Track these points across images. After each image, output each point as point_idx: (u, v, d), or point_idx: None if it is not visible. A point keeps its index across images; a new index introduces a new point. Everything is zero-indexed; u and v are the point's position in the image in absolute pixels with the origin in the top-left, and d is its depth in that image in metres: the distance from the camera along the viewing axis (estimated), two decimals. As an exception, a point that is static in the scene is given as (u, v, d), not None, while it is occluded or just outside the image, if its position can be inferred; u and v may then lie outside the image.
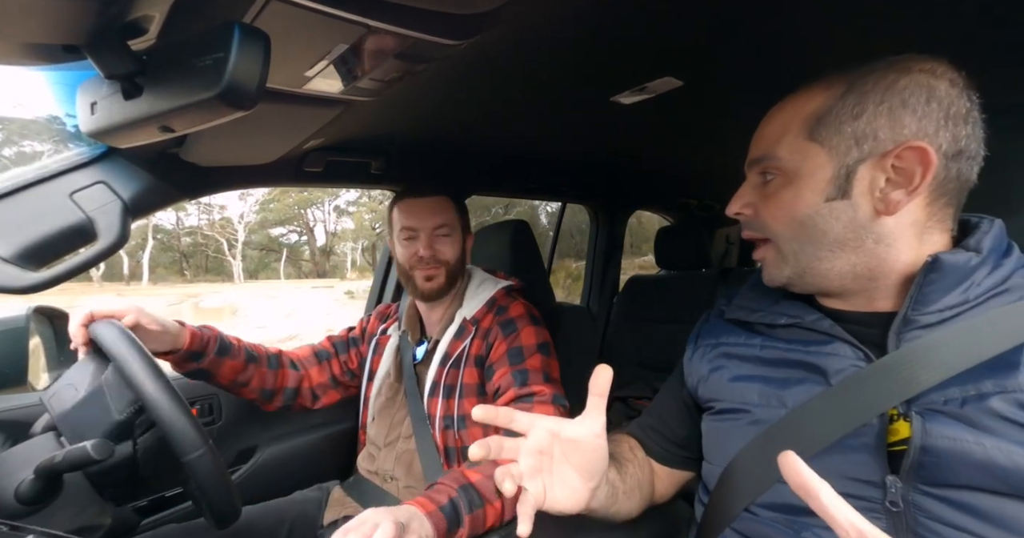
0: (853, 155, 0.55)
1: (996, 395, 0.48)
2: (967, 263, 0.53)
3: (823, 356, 0.59)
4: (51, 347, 1.11)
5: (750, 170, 0.65)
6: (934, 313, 0.53)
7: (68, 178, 0.86)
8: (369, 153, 1.28)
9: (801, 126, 0.58)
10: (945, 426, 0.49)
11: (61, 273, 0.81)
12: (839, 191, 0.56)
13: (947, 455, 0.48)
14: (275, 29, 0.50)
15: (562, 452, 0.57)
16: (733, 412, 0.65)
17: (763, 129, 0.64)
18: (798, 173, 0.58)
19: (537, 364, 1.01)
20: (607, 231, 2.32)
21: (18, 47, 0.50)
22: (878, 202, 0.55)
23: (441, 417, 1.04)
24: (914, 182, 0.53)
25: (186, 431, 0.72)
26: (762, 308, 0.68)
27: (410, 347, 1.17)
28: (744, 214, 0.65)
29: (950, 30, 0.83)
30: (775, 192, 0.61)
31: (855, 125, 0.55)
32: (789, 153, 0.59)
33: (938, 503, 0.49)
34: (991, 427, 0.47)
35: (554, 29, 0.75)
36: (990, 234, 0.55)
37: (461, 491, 0.81)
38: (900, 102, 0.53)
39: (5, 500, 0.65)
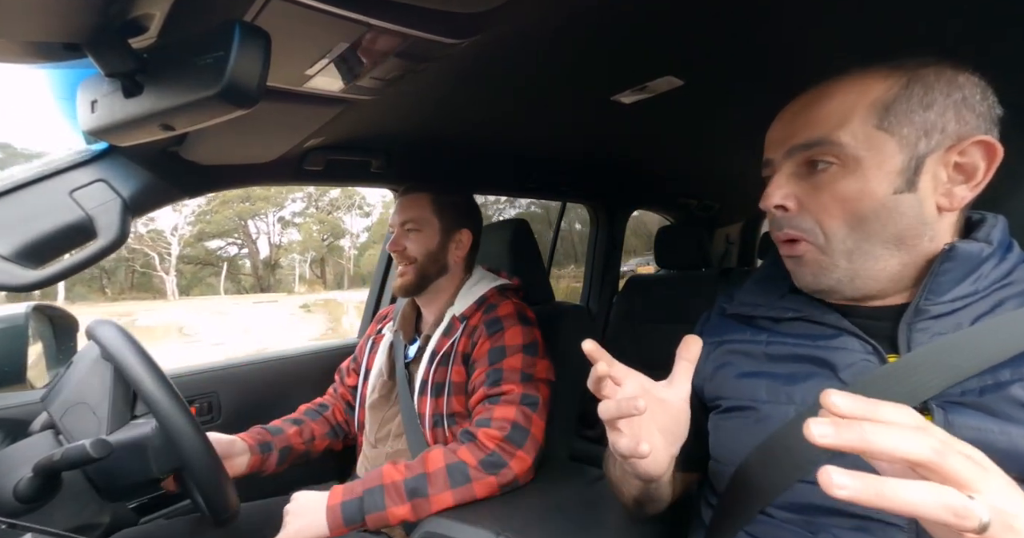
0: (922, 146, 0.53)
1: (1016, 382, 0.47)
2: (980, 253, 0.53)
3: (831, 350, 0.58)
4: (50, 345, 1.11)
5: (790, 157, 0.59)
6: (945, 303, 0.53)
7: (68, 176, 0.86)
8: (370, 152, 1.28)
9: (868, 112, 0.54)
10: (968, 417, 0.48)
11: (60, 271, 0.81)
12: (908, 184, 0.53)
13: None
14: (276, 27, 0.50)
15: (650, 411, 0.54)
16: (740, 410, 0.63)
17: (814, 111, 0.57)
18: (863, 163, 0.54)
19: (516, 364, 1.01)
20: (607, 231, 2.32)
21: (19, 45, 0.50)
22: (941, 197, 0.54)
23: (430, 415, 1.04)
24: (977, 177, 0.53)
25: (185, 430, 0.72)
26: (765, 303, 0.67)
27: (403, 345, 1.17)
28: (787, 208, 0.59)
29: (951, 30, 0.83)
30: (831, 183, 0.56)
31: (925, 116, 0.53)
32: (856, 140, 0.54)
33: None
34: (1013, 415, 0.47)
35: (555, 28, 0.75)
36: (997, 227, 0.56)
37: (366, 493, 0.89)
38: (962, 97, 0.53)
39: (4, 498, 0.65)
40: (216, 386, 1.32)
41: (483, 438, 0.94)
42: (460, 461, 0.91)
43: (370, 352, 1.23)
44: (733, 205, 2.75)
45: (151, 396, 0.71)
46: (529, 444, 0.95)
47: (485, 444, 0.93)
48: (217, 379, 1.35)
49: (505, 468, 0.92)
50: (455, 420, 1.04)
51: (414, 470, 0.91)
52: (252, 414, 1.31)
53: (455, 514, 0.87)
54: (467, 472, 0.91)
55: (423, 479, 0.90)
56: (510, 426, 0.94)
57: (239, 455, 1.02)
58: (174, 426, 0.71)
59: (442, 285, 1.16)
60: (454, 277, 1.17)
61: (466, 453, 0.92)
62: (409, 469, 0.91)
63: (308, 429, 1.17)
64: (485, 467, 0.91)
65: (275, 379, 1.45)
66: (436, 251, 1.13)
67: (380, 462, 1.11)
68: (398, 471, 0.91)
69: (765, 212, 0.63)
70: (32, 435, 0.78)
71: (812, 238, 0.58)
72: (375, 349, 1.22)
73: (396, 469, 0.92)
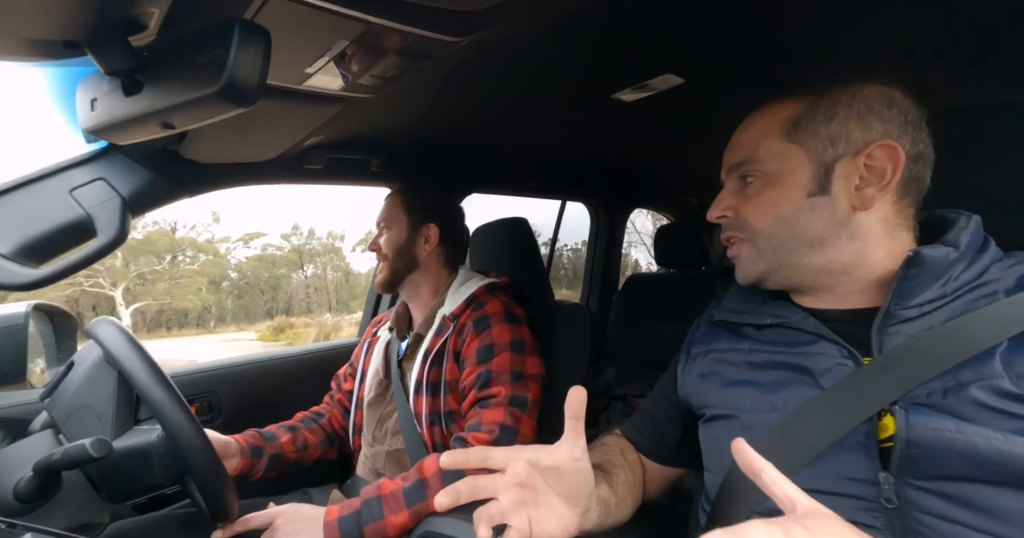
0: (830, 154, 0.59)
1: (974, 383, 0.49)
2: (945, 258, 0.54)
3: (810, 356, 0.60)
4: (50, 344, 1.10)
5: (729, 176, 0.68)
6: (915, 307, 0.55)
7: (68, 175, 0.86)
8: (370, 150, 1.28)
9: (779, 130, 0.62)
10: (927, 418, 0.50)
11: (60, 270, 0.81)
12: (820, 187, 0.60)
13: (931, 446, 0.49)
14: (275, 26, 0.50)
15: (545, 481, 0.57)
16: (725, 418, 0.65)
17: (739, 137, 0.67)
18: (780, 173, 0.61)
19: (505, 363, 1.01)
20: (607, 229, 2.32)
21: (19, 43, 0.50)
22: (854, 198, 0.59)
23: (427, 414, 1.05)
24: (885, 178, 0.57)
25: (186, 429, 0.72)
26: (748, 309, 0.69)
27: (397, 344, 1.18)
28: (726, 217, 0.67)
29: (948, 29, 0.83)
30: (757, 193, 0.63)
31: (829, 127, 0.59)
32: (770, 155, 0.62)
33: (930, 496, 0.49)
34: (971, 415, 0.48)
35: (555, 26, 0.75)
36: (968, 230, 0.57)
37: (364, 505, 0.88)
38: (867, 107, 0.58)
39: (4, 498, 0.65)
40: (216, 385, 1.32)
41: (473, 442, 0.95)
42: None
43: (366, 355, 1.24)
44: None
45: (153, 397, 0.71)
46: (519, 444, 0.95)
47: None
48: (217, 378, 1.35)
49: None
50: (452, 418, 1.05)
51: (411, 478, 0.91)
52: (252, 413, 1.31)
53: (455, 513, 0.87)
54: (462, 473, 0.90)
55: (421, 485, 0.90)
56: (498, 429, 0.95)
57: (231, 457, 1.02)
58: (176, 428, 0.71)
59: (416, 280, 1.18)
60: (429, 273, 1.18)
61: None
62: (406, 479, 0.92)
63: (302, 437, 1.17)
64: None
65: (275, 378, 1.46)
66: (404, 246, 1.16)
67: (380, 460, 1.11)
68: (395, 482, 0.91)
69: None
70: (32, 434, 0.78)
71: (746, 236, 0.65)
72: (371, 352, 1.24)
73: (393, 481, 0.92)
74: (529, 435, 0.98)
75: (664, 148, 1.63)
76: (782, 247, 0.62)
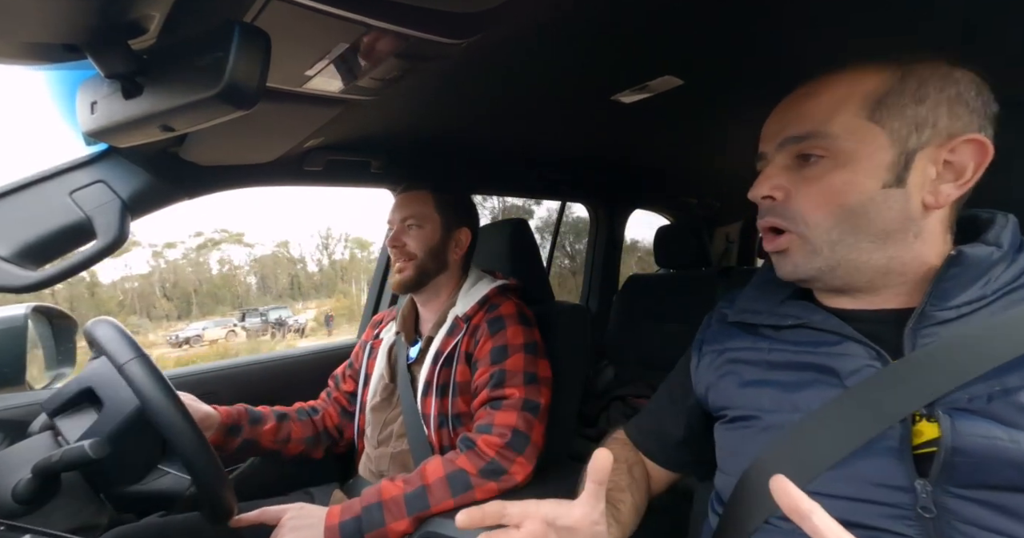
0: (913, 141, 0.52)
1: (1023, 389, 0.46)
2: (989, 257, 0.52)
3: (834, 357, 0.56)
4: (49, 346, 1.11)
5: (782, 149, 0.59)
6: (952, 309, 0.52)
7: (67, 177, 0.85)
8: (369, 152, 1.28)
9: (860, 104, 0.54)
10: (975, 424, 0.47)
11: (60, 272, 0.81)
12: (896, 179, 0.53)
13: (980, 455, 0.46)
14: (275, 28, 0.50)
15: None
16: (745, 419, 0.62)
17: (807, 104, 0.58)
18: (854, 155, 0.54)
19: (519, 364, 1.00)
20: (607, 230, 2.32)
21: (18, 46, 0.50)
22: (928, 194, 0.53)
23: (436, 416, 1.04)
24: (966, 175, 0.52)
25: (185, 430, 0.72)
26: (766, 310, 0.66)
27: (404, 347, 1.17)
28: (774, 198, 0.59)
29: (948, 30, 0.83)
30: (821, 175, 0.55)
31: (917, 110, 0.52)
32: (846, 132, 0.54)
33: (972, 505, 0.47)
34: (1018, 422, 0.46)
35: (555, 28, 0.75)
36: (1008, 228, 0.54)
37: (365, 511, 0.88)
38: (956, 93, 0.52)
39: (3, 499, 0.65)
40: (216, 386, 1.32)
41: (483, 445, 0.94)
42: (460, 469, 0.91)
43: (368, 357, 1.23)
44: (733, 204, 2.75)
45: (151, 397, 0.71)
46: (530, 450, 0.95)
47: (485, 451, 0.93)
48: (217, 379, 1.35)
49: (506, 474, 0.92)
50: (460, 421, 1.04)
51: (413, 484, 0.90)
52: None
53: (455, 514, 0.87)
54: (468, 480, 0.90)
55: (423, 491, 0.89)
56: (511, 433, 0.94)
57: (208, 429, 1.00)
58: (173, 427, 0.71)
59: (441, 283, 1.16)
60: (452, 276, 1.17)
61: (465, 461, 0.92)
62: (408, 483, 0.91)
63: (287, 429, 1.15)
64: (485, 475, 0.91)
65: (275, 379, 1.46)
66: (437, 248, 1.13)
67: (384, 462, 1.11)
68: (396, 486, 0.90)
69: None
70: (31, 436, 0.78)
71: (795, 228, 0.58)
72: (374, 354, 1.22)
73: (394, 484, 0.91)
74: (539, 441, 0.98)
75: (664, 149, 1.63)
76: (841, 243, 0.55)
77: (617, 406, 1.77)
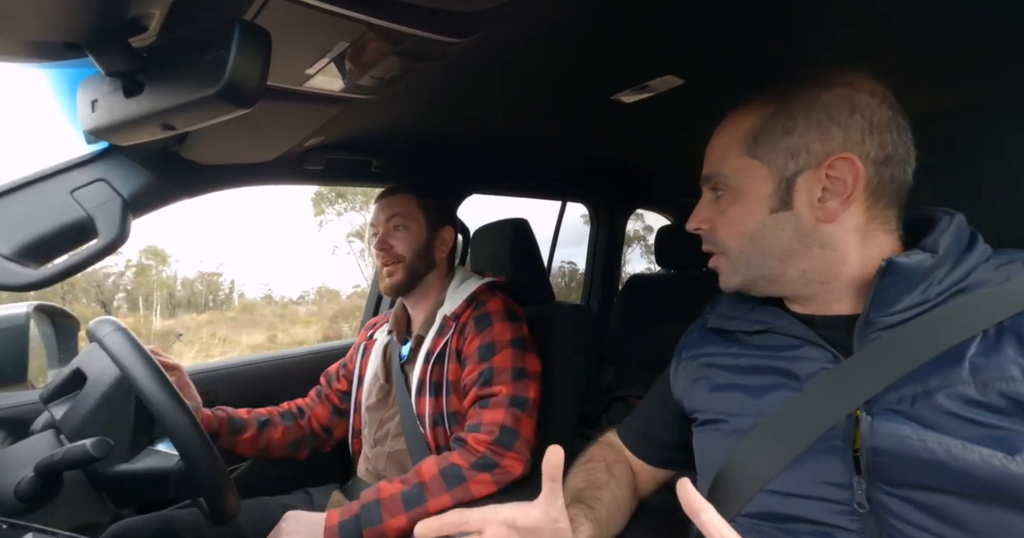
0: (790, 168, 0.58)
1: (941, 390, 0.49)
2: (922, 265, 0.53)
3: (795, 360, 0.59)
4: (51, 345, 1.11)
5: (704, 186, 0.67)
6: (895, 314, 0.54)
7: (68, 175, 0.86)
8: (370, 151, 1.28)
9: (740, 144, 0.61)
10: (892, 425, 0.50)
11: (61, 270, 0.81)
12: (782, 203, 0.59)
13: (894, 454, 0.49)
14: (276, 27, 0.50)
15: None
16: (714, 422, 0.65)
17: (710, 149, 0.67)
18: (743, 189, 0.61)
19: (507, 361, 1.01)
20: (607, 230, 2.32)
21: (19, 44, 0.50)
22: (817, 211, 0.57)
23: (431, 415, 1.05)
24: (847, 190, 0.56)
25: (188, 431, 0.72)
26: (740, 316, 0.69)
27: (398, 347, 1.17)
28: (702, 229, 0.68)
29: (947, 30, 0.83)
30: (726, 208, 0.63)
31: (788, 140, 0.58)
32: (733, 170, 0.62)
33: (900, 503, 0.49)
34: (936, 423, 0.48)
35: (555, 27, 0.75)
36: (948, 232, 0.55)
37: (363, 509, 0.90)
38: (826, 116, 0.56)
39: (5, 498, 0.65)
40: (216, 386, 1.32)
41: (473, 443, 0.95)
42: (453, 464, 0.93)
43: (362, 359, 1.23)
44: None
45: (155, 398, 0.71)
46: (520, 445, 0.96)
47: (475, 448, 0.94)
48: (217, 379, 1.35)
49: (499, 468, 0.93)
50: (456, 419, 1.05)
51: (410, 482, 0.92)
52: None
53: None
54: (461, 473, 0.92)
55: (419, 488, 0.91)
56: (498, 430, 0.95)
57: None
58: (178, 428, 0.71)
59: (429, 283, 1.17)
60: (439, 275, 1.18)
61: (458, 457, 0.94)
62: (405, 482, 0.92)
63: (267, 436, 1.14)
64: (478, 468, 0.92)
65: (275, 379, 1.46)
66: (424, 248, 1.14)
67: (381, 462, 1.11)
68: (394, 486, 0.92)
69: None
70: (33, 435, 0.78)
71: (719, 250, 0.66)
72: (367, 355, 1.23)
73: (392, 484, 0.92)
74: (529, 436, 0.98)
75: (664, 149, 1.63)
76: (752, 263, 0.62)
77: (618, 407, 1.77)
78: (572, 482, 0.72)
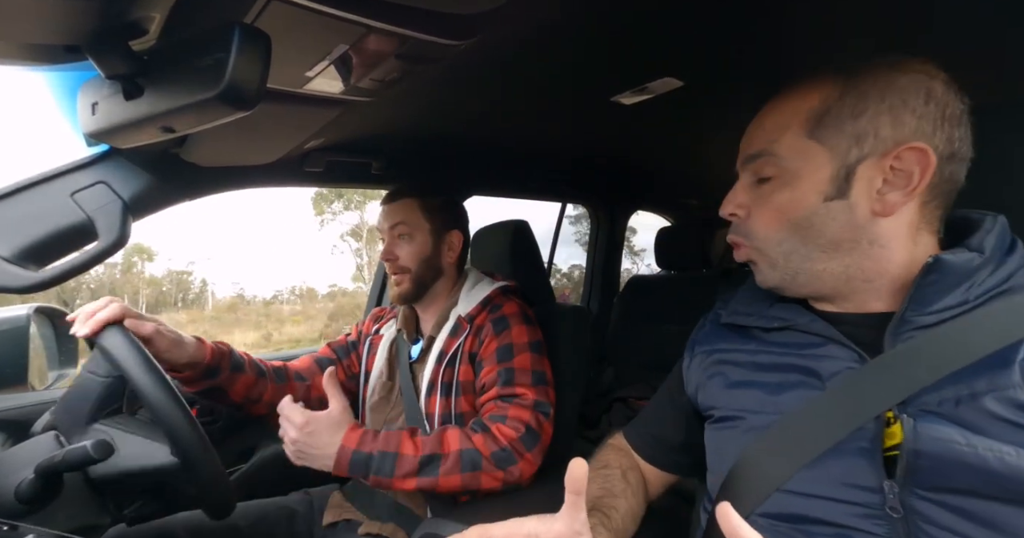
0: (853, 154, 0.54)
1: (989, 393, 0.47)
2: (969, 263, 0.51)
3: (817, 359, 0.58)
4: (52, 347, 1.11)
5: (744, 168, 0.63)
6: (933, 314, 0.52)
7: (69, 178, 0.86)
8: (370, 153, 1.28)
9: (801, 124, 0.56)
10: (936, 428, 0.48)
11: (62, 273, 0.81)
12: (838, 191, 0.55)
13: (939, 458, 0.47)
14: (276, 29, 0.50)
15: None
16: (730, 419, 0.63)
17: (759, 126, 0.62)
18: (798, 173, 0.57)
19: (526, 363, 1.01)
20: (607, 231, 2.32)
21: (19, 47, 0.50)
22: (875, 203, 0.54)
23: (440, 415, 1.04)
24: (912, 183, 0.53)
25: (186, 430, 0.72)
26: (756, 312, 0.67)
27: (406, 346, 1.16)
28: (737, 216, 0.63)
29: (947, 31, 0.83)
30: (771, 194, 0.59)
31: (856, 124, 0.54)
32: (789, 152, 0.57)
33: (936, 508, 0.48)
34: (984, 428, 0.46)
35: (554, 29, 0.75)
36: (993, 232, 0.54)
37: (379, 456, 0.89)
38: (901, 101, 0.53)
39: (5, 499, 0.65)
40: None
41: (497, 433, 0.94)
42: (475, 448, 0.92)
43: (368, 355, 1.22)
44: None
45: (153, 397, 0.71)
46: (538, 449, 0.95)
47: (499, 438, 0.93)
48: None
49: (513, 466, 0.92)
50: (463, 420, 1.04)
51: (429, 447, 0.91)
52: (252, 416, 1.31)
53: (456, 515, 0.87)
54: (479, 462, 0.91)
55: (437, 460, 0.90)
56: (524, 428, 0.94)
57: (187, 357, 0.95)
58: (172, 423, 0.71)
59: (438, 289, 1.15)
60: (448, 280, 1.17)
61: (481, 442, 0.93)
62: (425, 445, 0.91)
63: (261, 387, 1.08)
64: (496, 461, 0.92)
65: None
66: (430, 256, 1.12)
67: None
68: (415, 445, 0.91)
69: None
70: (34, 436, 0.78)
71: (751, 243, 0.62)
72: (373, 351, 1.21)
73: (413, 442, 0.92)
74: (547, 443, 0.98)
75: (664, 150, 1.63)
76: (794, 253, 0.58)
77: (618, 408, 1.76)
78: (589, 489, 0.70)
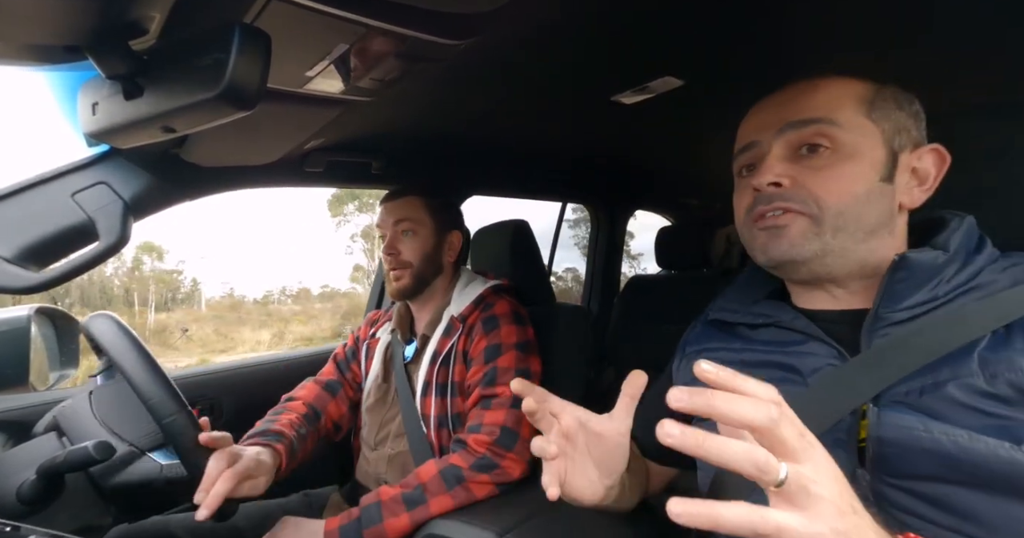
0: (897, 143, 0.57)
1: (951, 381, 0.49)
2: (934, 261, 0.54)
3: (799, 356, 0.59)
4: (53, 347, 1.11)
5: (781, 138, 0.59)
6: (904, 310, 0.54)
7: (69, 179, 0.86)
8: (370, 153, 1.28)
9: (858, 102, 0.57)
10: (899, 416, 0.50)
11: (62, 273, 0.81)
12: (888, 174, 0.56)
13: (901, 445, 0.49)
14: (276, 29, 0.50)
15: (585, 443, 0.57)
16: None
17: (811, 94, 0.59)
18: (858, 148, 0.56)
19: (511, 362, 1.01)
20: (607, 231, 2.32)
21: (19, 47, 0.50)
22: (905, 194, 0.57)
23: (435, 416, 1.04)
24: (928, 182, 0.57)
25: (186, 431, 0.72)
26: (742, 309, 0.68)
27: (401, 347, 1.17)
28: (782, 185, 0.58)
29: (947, 30, 0.83)
30: (830, 164, 0.56)
31: (898, 115, 0.57)
32: (850, 123, 0.56)
33: (904, 495, 0.49)
34: (944, 414, 0.48)
35: (555, 29, 0.75)
36: (959, 231, 0.56)
37: (363, 511, 0.89)
38: (916, 111, 0.58)
39: (7, 500, 0.65)
40: (218, 389, 1.32)
41: (473, 444, 0.95)
42: (452, 465, 0.93)
43: (367, 358, 1.23)
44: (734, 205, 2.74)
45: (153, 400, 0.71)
46: (519, 446, 0.96)
47: (475, 449, 0.94)
48: (219, 381, 1.35)
49: (498, 469, 0.93)
50: (460, 420, 1.04)
51: (410, 484, 0.92)
52: (254, 416, 1.31)
53: (457, 515, 0.88)
54: (460, 474, 0.92)
55: (420, 489, 0.90)
56: (499, 430, 0.95)
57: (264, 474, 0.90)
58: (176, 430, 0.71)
59: (436, 287, 1.16)
60: (446, 278, 1.18)
61: (457, 458, 0.94)
62: (405, 485, 0.92)
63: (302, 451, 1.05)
64: (478, 468, 0.92)
65: (277, 381, 1.45)
66: (432, 253, 1.13)
67: (381, 465, 1.11)
68: (394, 489, 0.92)
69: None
70: (35, 437, 0.78)
71: (806, 209, 0.57)
72: (370, 354, 1.22)
73: (392, 488, 0.93)
74: (529, 437, 0.98)
75: (664, 150, 1.63)
76: (844, 229, 0.55)
77: (619, 407, 1.76)
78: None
